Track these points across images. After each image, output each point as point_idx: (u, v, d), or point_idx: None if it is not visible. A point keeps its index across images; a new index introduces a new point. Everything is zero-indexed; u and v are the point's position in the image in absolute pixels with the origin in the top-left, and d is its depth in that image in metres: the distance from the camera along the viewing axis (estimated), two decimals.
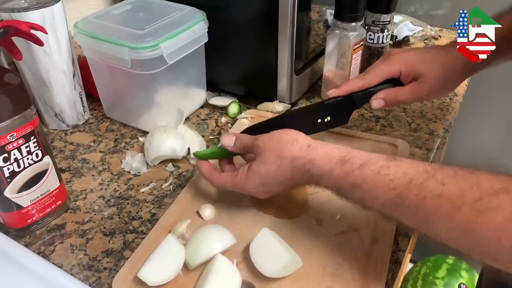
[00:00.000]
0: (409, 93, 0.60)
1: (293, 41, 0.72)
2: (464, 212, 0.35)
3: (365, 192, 0.42)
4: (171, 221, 0.56)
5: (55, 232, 0.57)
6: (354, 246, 0.52)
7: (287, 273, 0.48)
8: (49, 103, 0.72)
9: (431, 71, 0.59)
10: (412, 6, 1.13)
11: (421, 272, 1.29)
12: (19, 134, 0.49)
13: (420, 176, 0.39)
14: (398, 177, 0.40)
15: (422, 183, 0.38)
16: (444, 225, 0.37)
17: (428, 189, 0.38)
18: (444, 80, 0.59)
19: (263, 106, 0.79)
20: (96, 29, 0.67)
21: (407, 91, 0.60)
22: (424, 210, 0.38)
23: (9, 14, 0.62)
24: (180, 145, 0.66)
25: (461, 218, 0.35)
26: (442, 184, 0.37)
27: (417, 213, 0.39)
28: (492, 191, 0.34)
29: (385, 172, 0.41)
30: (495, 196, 0.34)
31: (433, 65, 0.59)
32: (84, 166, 0.68)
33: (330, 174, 0.45)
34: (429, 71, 0.58)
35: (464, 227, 0.35)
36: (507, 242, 0.33)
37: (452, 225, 0.36)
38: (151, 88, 0.69)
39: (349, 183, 0.44)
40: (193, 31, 0.70)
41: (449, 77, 0.59)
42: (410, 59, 0.60)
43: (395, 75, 0.60)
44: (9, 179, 0.50)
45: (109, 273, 0.51)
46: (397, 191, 0.40)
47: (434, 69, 0.59)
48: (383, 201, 0.41)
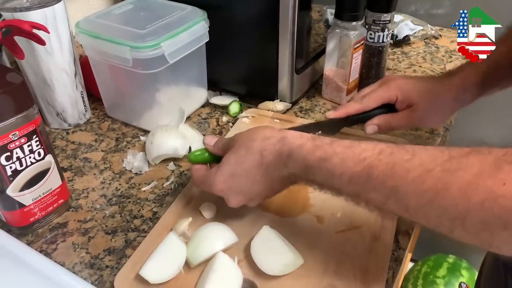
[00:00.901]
0: (402, 120, 0.62)
1: (293, 40, 0.72)
2: (435, 173, 0.35)
3: (334, 166, 0.42)
4: (173, 220, 0.56)
5: (57, 231, 0.57)
6: (355, 243, 0.53)
7: (288, 271, 0.48)
8: (51, 102, 0.72)
9: (424, 101, 0.61)
10: (413, 5, 1.13)
11: (422, 271, 1.29)
12: (21, 133, 0.49)
13: (390, 148, 0.39)
14: (368, 149, 0.40)
15: (392, 152, 0.39)
16: (414, 191, 0.36)
17: (398, 157, 0.38)
18: (435, 110, 0.62)
19: (264, 105, 0.79)
20: (97, 28, 0.67)
21: (400, 118, 0.62)
22: (393, 178, 0.37)
23: (11, 14, 0.62)
24: (181, 144, 0.67)
25: (431, 180, 0.35)
26: (412, 153, 0.37)
27: (386, 183, 0.38)
28: (463, 154, 0.35)
29: (355, 145, 0.42)
30: (465, 157, 0.34)
31: (427, 96, 0.61)
32: (85, 165, 0.68)
33: (301, 149, 0.44)
34: (422, 100, 0.61)
35: (435, 190, 0.34)
36: (476, 197, 0.32)
37: (422, 190, 0.35)
38: (153, 87, 0.69)
39: (318, 157, 0.43)
40: (194, 30, 0.70)
41: (440, 107, 0.62)
42: (407, 87, 0.62)
43: (392, 101, 0.63)
44: (11, 177, 0.51)
45: (111, 271, 0.51)
46: (367, 161, 0.39)
47: (427, 99, 0.61)
48: (351, 174, 0.40)
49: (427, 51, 1.01)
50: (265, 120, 0.76)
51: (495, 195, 0.31)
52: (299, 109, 0.80)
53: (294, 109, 0.80)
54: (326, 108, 0.81)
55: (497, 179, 0.31)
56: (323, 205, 0.58)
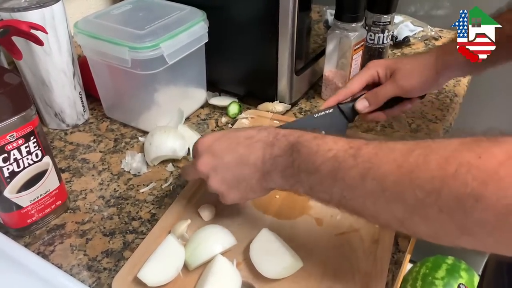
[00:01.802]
0: (387, 87, 0.63)
1: (293, 41, 0.71)
2: (416, 152, 0.35)
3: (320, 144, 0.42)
4: (171, 222, 0.56)
5: (54, 232, 0.57)
6: (355, 246, 0.52)
7: (287, 274, 0.48)
8: (49, 103, 0.72)
9: (403, 63, 0.63)
10: (413, 6, 1.13)
11: (421, 272, 1.29)
12: (19, 134, 0.49)
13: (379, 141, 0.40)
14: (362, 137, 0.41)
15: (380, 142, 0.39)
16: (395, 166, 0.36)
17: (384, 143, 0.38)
18: (417, 70, 0.62)
19: (263, 106, 0.78)
20: (96, 29, 0.67)
21: (385, 86, 0.63)
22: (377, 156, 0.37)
23: (9, 14, 0.61)
24: (180, 145, 0.66)
25: (412, 158, 0.35)
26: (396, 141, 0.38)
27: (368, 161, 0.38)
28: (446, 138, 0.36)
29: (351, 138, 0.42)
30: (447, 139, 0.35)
31: (405, 60, 0.63)
32: (84, 166, 0.68)
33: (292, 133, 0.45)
34: (402, 64, 0.63)
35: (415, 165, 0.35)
36: (451, 168, 0.32)
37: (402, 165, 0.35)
38: (151, 88, 0.69)
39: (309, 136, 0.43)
40: (193, 31, 0.69)
41: (422, 67, 0.62)
42: (385, 61, 0.65)
43: (374, 78, 0.64)
44: (8, 179, 0.50)
45: (108, 274, 0.51)
46: (356, 143, 0.40)
47: (406, 61, 0.63)
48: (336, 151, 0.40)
49: None
50: (264, 121, 0.75)
51: (470, 166, 0.31)
52: (299, 110, 0.80)
53: (294, 110, 0.80)
54: None
55: (474, 153, 0.32)
56: (322, 207, 0.57)
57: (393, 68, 0.63)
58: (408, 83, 0.62)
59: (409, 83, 0.62)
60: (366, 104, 0.62)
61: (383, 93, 0.63)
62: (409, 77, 0.62)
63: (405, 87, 0.62)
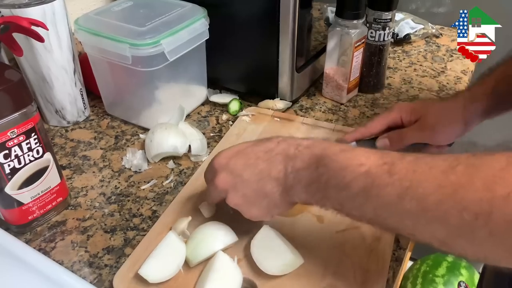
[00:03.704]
0: (413, 131, 0.61)
1: (294, 38, 0.71)
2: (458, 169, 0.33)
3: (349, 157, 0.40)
4: (172, 218, 0.56)
5: (55, 229, 0.57)
6: (356, 243, 0.52)
7: (288, 271, 0.48)
8: (50, 99, 0.72)
9: (431, 110, 0.60)
10: (414, 3, 1.13)
11: (421, 270, 1.29)
12: (20, 130, 0.49)
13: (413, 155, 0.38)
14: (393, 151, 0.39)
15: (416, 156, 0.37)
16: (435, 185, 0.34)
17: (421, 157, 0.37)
18: (444, 118, 0.60)
19: (264, 103, 0.78)
20: (97, 25, 0.67)
21: (413, 131, 0.61)
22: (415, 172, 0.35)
23: (9, 10, 0.61)
24: (181, 142, 0.66)
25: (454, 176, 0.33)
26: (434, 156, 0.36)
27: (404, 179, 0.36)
28: (487, 152, 0.34)
29: None
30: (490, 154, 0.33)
31: (433, 105, 0.61)
32: (84, 163, 0.68)
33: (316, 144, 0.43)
34: (429, 110, 0.61)
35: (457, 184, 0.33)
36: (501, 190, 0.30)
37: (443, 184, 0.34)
38: (152, 85, 0.69)
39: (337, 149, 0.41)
40: (194, 28, 0.69)
41: (449, 115, 0.60)
42: (411, 106, 0.62)
43: (396, 122, 0.62)
44: (10, 175, 0.50)
45: (110, 270, 0.51)
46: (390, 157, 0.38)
47: (434, 108, 0.61)
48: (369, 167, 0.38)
49: (428, 49, 1.01)
50: (265, 118, 0.75)
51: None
52: (300, 108, 0.80)
53: (295, 108, 0.80)
54: (326, 107, 0.80)
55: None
56: None
57: (419, 114, 0.60)
58: (435, 133, 0.60)
59: (436, 133, 0.60)
60: (387, 142, 0.61)
61: (409, 137, 0.61)
62: (436, 127, 0.60)
63: (432, 136, 0.60)
